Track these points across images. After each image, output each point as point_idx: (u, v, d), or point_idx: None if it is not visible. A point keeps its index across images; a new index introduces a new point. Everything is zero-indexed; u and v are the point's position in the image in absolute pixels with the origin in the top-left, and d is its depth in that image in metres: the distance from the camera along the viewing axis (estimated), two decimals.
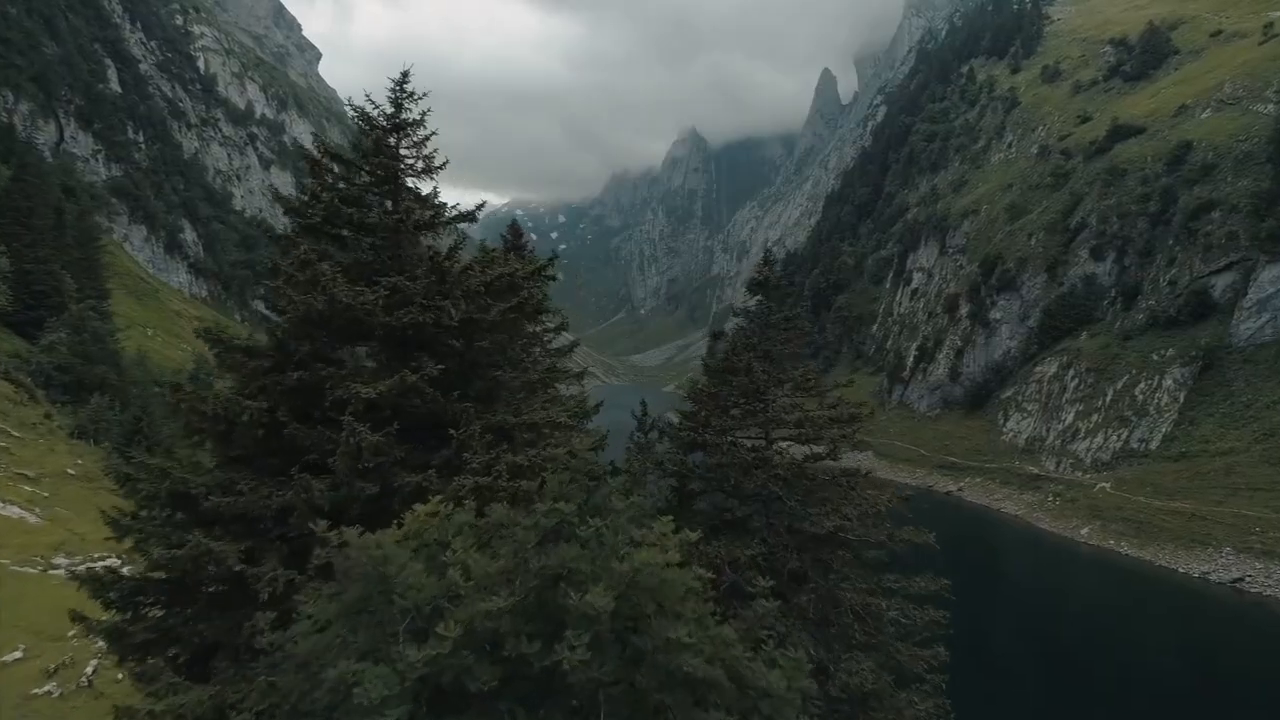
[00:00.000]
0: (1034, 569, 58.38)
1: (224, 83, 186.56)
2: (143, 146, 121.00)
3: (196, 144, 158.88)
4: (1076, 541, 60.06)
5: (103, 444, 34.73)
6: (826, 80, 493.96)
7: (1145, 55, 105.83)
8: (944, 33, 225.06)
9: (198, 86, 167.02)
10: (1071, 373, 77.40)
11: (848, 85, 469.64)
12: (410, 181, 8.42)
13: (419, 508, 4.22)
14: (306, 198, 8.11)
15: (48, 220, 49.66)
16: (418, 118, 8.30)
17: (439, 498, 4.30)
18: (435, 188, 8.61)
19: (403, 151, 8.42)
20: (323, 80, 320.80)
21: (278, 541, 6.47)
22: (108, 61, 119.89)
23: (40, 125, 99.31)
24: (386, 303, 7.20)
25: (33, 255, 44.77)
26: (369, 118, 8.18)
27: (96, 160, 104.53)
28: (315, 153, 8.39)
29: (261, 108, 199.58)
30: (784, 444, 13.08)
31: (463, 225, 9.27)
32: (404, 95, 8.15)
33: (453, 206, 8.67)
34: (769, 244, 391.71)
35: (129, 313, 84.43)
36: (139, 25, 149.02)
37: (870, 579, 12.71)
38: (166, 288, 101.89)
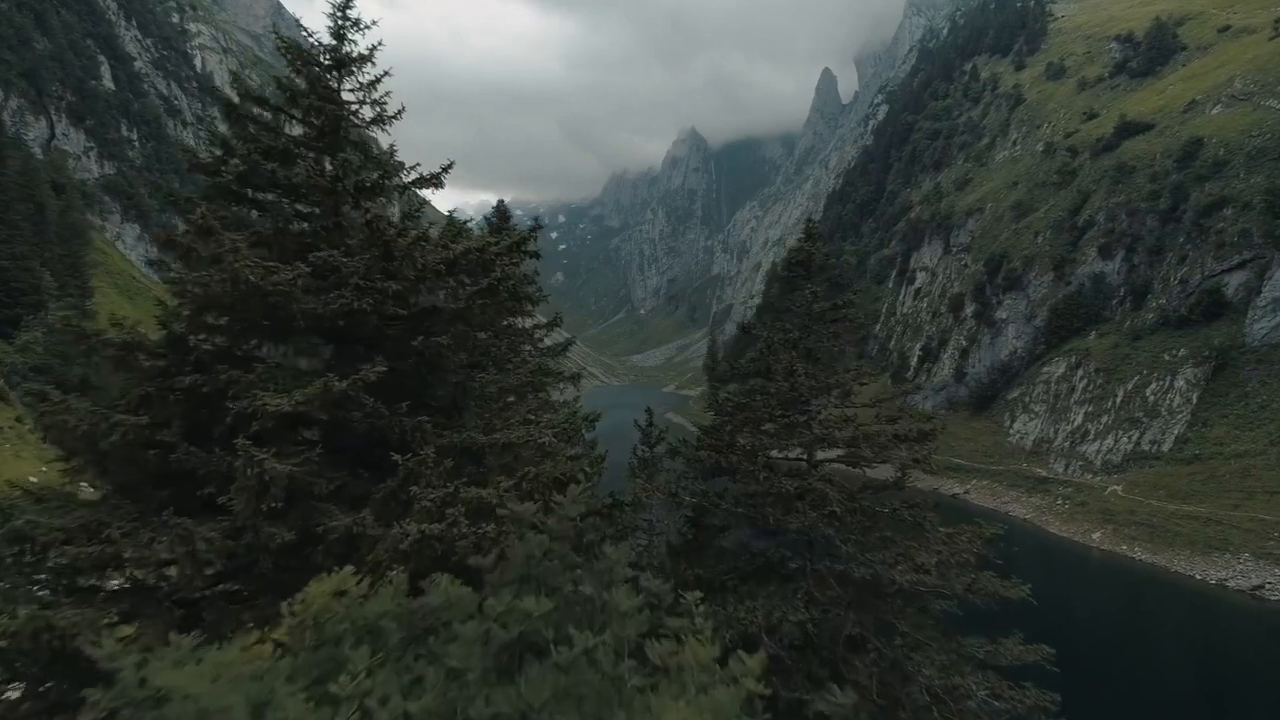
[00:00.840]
0: (1045, 574, 56.72)
1: (221, 81, 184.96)
2: (136, 144, 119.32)
3: (193, 142, 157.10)
4: (1088, 546, 58.54)
5: None
6: (826, 79, 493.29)
7: (1152, 51, 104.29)
8: (945, 31, 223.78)
9: (194, 84, 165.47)
10: (1080, 373, 75.87)
11: (848, 84, 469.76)
12: (356, 134, 6.83)
13: (313, 589, 2.68)
14: (219, 151, 6.50)
15: (26, 215, 47.96)
16: (365, 53, 6.66)
17: (351, 569, 2.77)
18: (392, 145, 7.01)
19: (345, 95, 6.82)
20: None
21: (168, 606, 4.88)
22: (101, 58, 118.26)
23: (30, 122, 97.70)
24: (310, 284, 5.60)
25: (9, 251, 43.12)
26: (301, 51, 6.52)
27: (89, 157, 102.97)
28: (233, 95, 6.76)
29: None
30: (829, 466, 11.11)
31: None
32: (347, 23, 6.52)
33: (412, 166, 7.05)
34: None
35: (119, 311, 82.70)
36: (134, 23, 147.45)
37: (949, 646, 10.28)
38: (159, 287, 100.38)
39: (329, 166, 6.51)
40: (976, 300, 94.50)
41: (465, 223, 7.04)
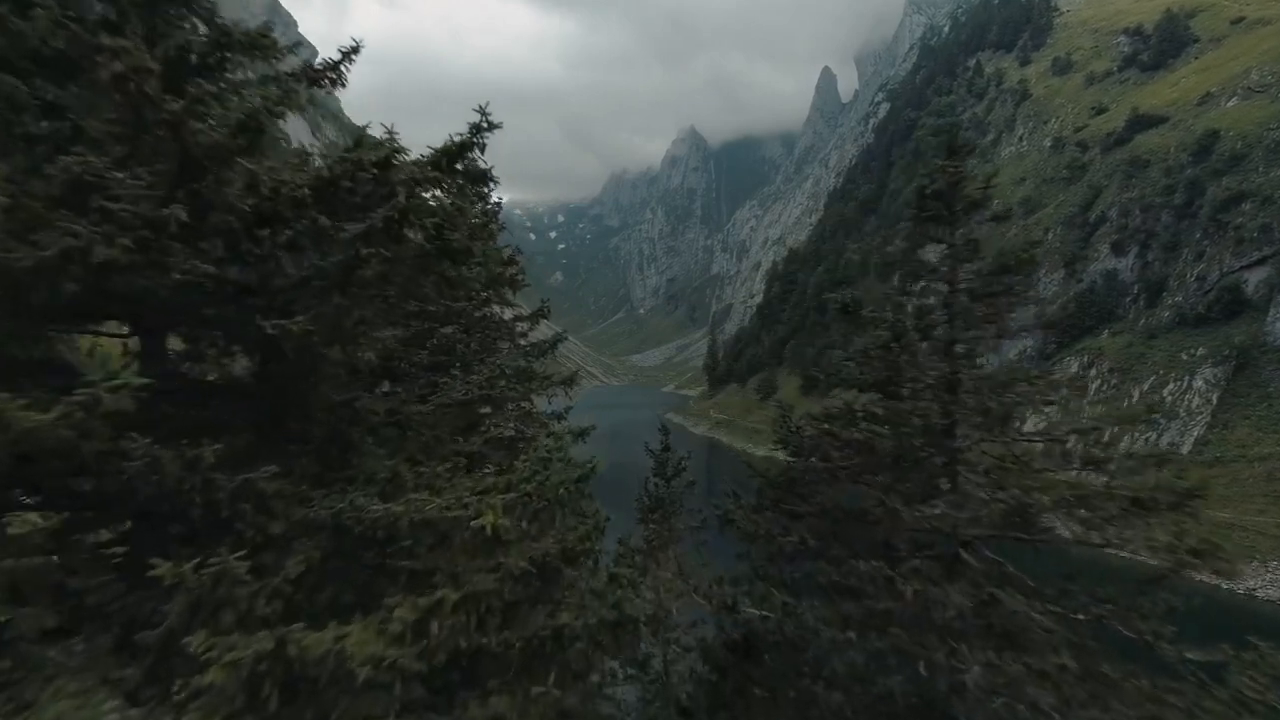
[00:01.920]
0: (1059, 579, 54.43)
1: None
2: None
3: None
4: (1105, 551, 56.19)
5: None
6: (826, 78, 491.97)
7: (1163, 44, 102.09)
8: (947, 28, 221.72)
9: None
10: (1093, 373, 73.49)
11: (847, 83, 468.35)
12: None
13: None
14: None
15: None
16: None
17: None
18: (269, 22, 4.51)
19: None
20: None
21: None
22: None
23: None
24: (37, 215, 3.14)
25: None
26: None
27: None
28: None
29: None
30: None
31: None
32: None
33: (292, 46, 4.61)
34: (768, 242, 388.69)
35: None
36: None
37: None
38: None
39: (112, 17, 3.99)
40: None
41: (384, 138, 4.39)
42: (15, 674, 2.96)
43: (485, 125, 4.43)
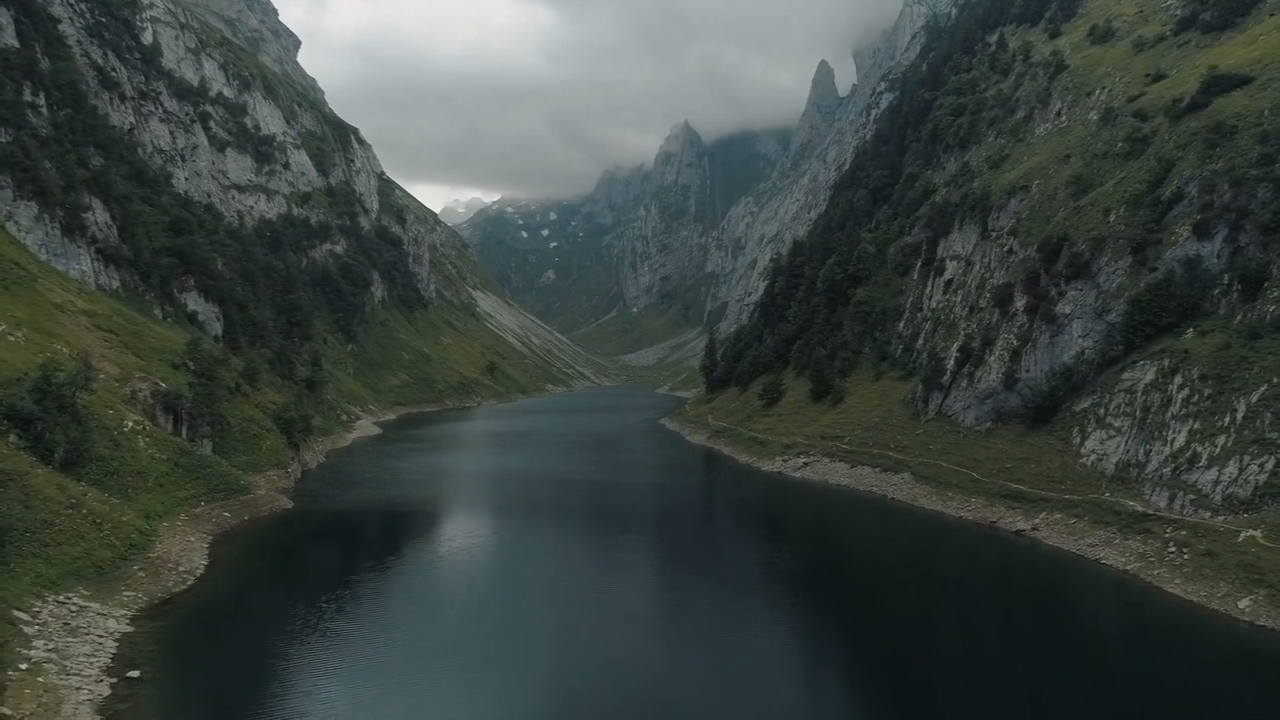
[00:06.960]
0: (1178, 665, 40.67)
1: (176, 58, 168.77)
2: (44, 111, 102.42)
3: (133, 119, 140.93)
4: (1233, 618, 42.73)
5: None
6: (823, 72, 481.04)
7: (1229, 2, 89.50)
8: (951, 14, 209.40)
9: (136, 56, 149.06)
10: (1178, 380, 60.39)
11: (845, 77, 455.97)
12: None
13: None
14: None
15: None
16: None
17: None
18: None
19: None
20: (301, 68, 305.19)
21: None
22: (2, 8, 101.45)
23: None
24: None
25: None
26: None
27: None
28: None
29: (220, 87, 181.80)
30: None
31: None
32: None
33: None
34: (764, 239, 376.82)
35: None
36: None
37: None
38: (52, 275, 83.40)
39: None
40: (1028, 292, 79.09)
41: None
42: None
43: None
